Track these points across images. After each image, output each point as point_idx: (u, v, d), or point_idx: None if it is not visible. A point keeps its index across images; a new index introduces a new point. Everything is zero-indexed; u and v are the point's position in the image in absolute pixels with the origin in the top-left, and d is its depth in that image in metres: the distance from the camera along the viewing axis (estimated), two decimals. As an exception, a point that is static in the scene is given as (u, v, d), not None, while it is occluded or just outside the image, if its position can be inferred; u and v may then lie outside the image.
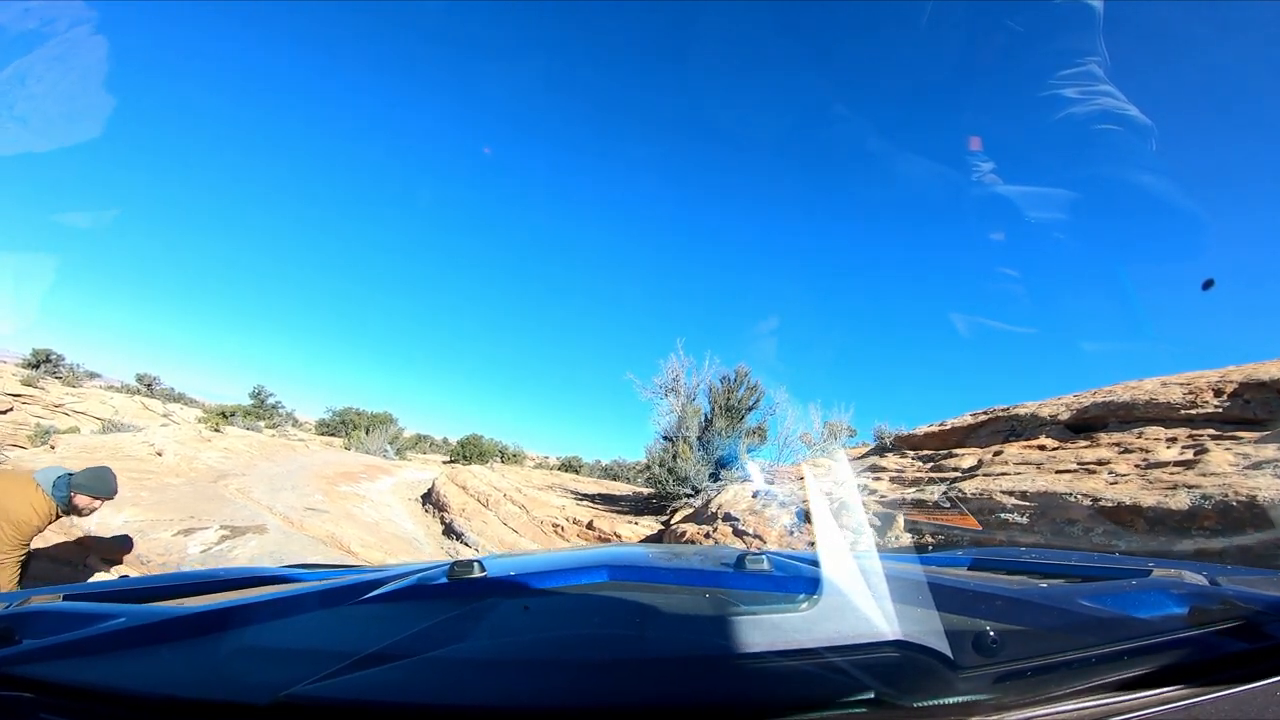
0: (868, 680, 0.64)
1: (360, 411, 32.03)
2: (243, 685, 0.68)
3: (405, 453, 28.51)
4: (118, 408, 25.58)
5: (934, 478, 4.56)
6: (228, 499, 7.53)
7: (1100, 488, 3.59)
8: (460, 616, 0.88)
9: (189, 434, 12.58)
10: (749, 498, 5.24)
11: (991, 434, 5.51)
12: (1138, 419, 4.88)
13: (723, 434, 10.10)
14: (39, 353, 29.51)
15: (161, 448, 10.66)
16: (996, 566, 1.31)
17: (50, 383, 26.70)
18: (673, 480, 9.55)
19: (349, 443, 25.31)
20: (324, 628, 0.88)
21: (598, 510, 10.24)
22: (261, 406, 31.56)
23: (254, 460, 11.15)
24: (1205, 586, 0.94)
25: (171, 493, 7.49)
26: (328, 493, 9.47)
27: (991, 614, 0.79)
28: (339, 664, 0.67)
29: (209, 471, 9.10)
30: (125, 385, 32.60)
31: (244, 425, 23.94)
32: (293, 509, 7.48)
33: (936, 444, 5.96)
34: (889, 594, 0.78)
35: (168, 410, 27.56)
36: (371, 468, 15.83)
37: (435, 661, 0.71)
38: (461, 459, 27.24)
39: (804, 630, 0.76)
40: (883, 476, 4.89)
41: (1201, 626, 0.77)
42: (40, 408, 22.91)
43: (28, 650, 0.74)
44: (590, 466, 29.90)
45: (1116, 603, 0.83)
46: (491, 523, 9.17)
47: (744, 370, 11.02)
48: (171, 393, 34.00)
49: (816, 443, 11.76)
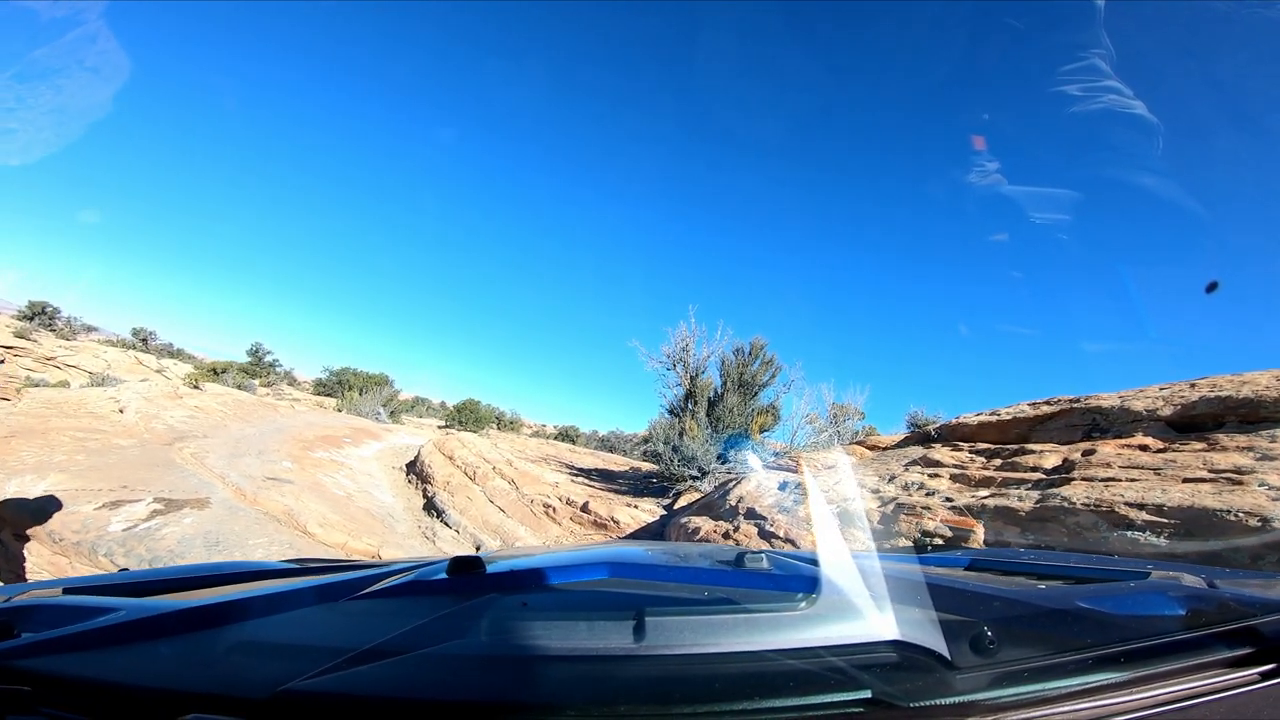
0: (865, 679, 0.64)
1: (357, 372, 31.30)
2: (240, 679, 0.68)
3: (400, 416, 27.83)
4: (111, 362, 25.00)
5: (1010, 479, 3.65)
6: (177, 465, 6.72)
7: (1263, 504, 2.68)
8: (459, 613, 0.88)
9: (161, 390, 11.75)
10: (775, 490, 4.37)
11: (1066, 428, 4.58)
12: (1265, 419, 3.95)
13: (734, 411, 9.22)
14: (35, 305, 28.90)
15: (125, 405, 9.85)
16: (994, 567, 1.29)
17: (44, 335, 26.19)
18: (678, 460, 8.70)
19: (341, 404, 24.62)
20: (322, 623, 0.89)
21: (594, 489, 9.46)
22: (259, 364, 30.94)
23: (225, 421, 10.35)
24: (1203, 589, 0.93)
25: (114, 456, 6.67)
26: (299, 459, 8.66)
27: (989, 614, 0.79)
28: (337, 659, 0.67)
29: (167, 433, 8.29)
30: (121, 339, 32.06)
31: (235, 383, 23.27)
32: (249, 478, 6.66)
33: (995, 436, 5.04)
34: (887, 594, 0.79)
35: (161, 365, 26.99)
36: (359, 431, 15.08)
37: (433, 658, 0.71)
38: (457, 424, 26.60)
39: (802, 629, 0.75)
40: (941, 474, 3.99)
41: (1199, 629, 0.75)
42: (32, 360, 22.36)
43: (26, 644, 0.75)
44: (587, 437, 29.34)
45: (1114, 604, 0.83)
46: (477, 499, 8.38)
47: (760, 342, 10.06)
48: (169, 348, 33.52)
49: (827, 426, 10.89)
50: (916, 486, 3.79)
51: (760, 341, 10.08)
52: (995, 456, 4.24)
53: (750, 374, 9.72)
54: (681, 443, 8.62)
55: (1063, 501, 2.89)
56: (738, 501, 4.31)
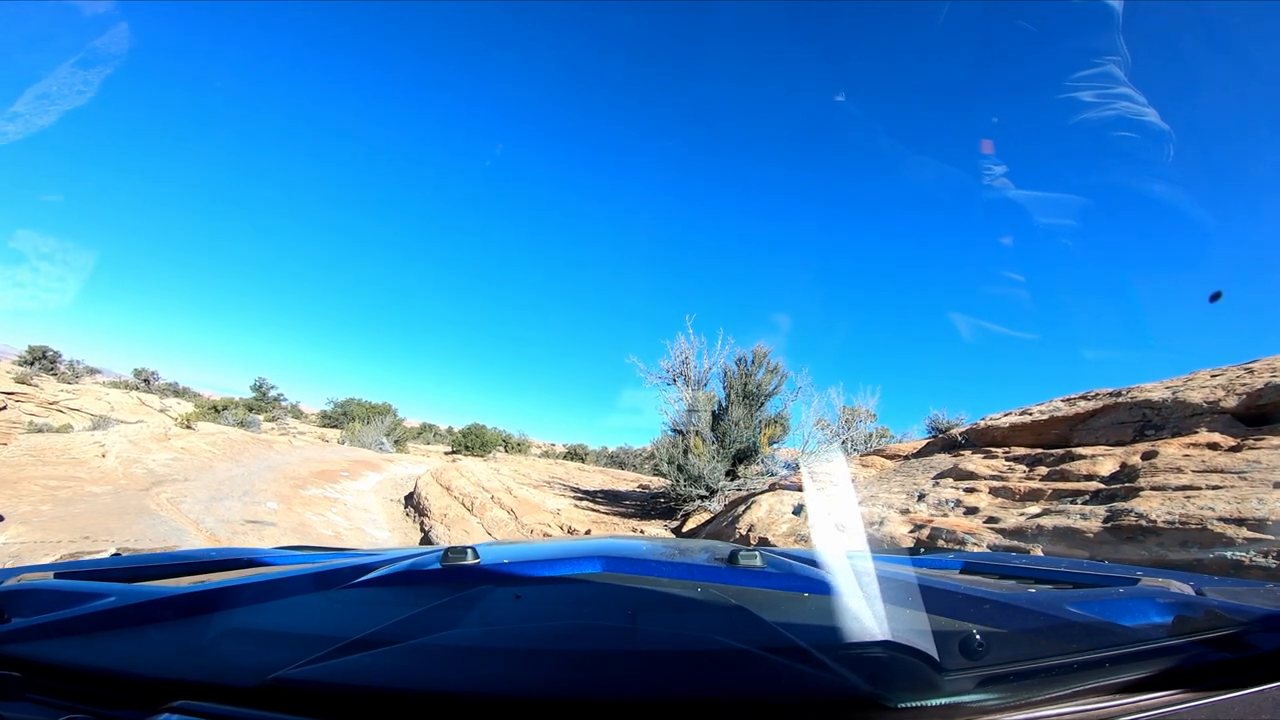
0: (854, 679, 0.63)
1: (361, 403, 31.04)
2: (230, 667, 0.67)
3: (406, 444, 27.44)
4: (114, 404, 24.88)
5: (1061, 490, 3.16)
6: (150, 511, 6.31)
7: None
8: (451, 603, 0.87)
9: (150, 433, 11.41)
10: (790, 515, 3.87)
11: (1113, 426, 4.08)
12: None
13: (740, 424, 8.72)
14: (35, 350, 29.00)
15: (109, 449, 9.49)
16: (987, 570, 1.29)
17: (46, 380, 26.19)
18: (684, 480, 8.19)
19: (345, 435, 24.26)
20: (314, 611, 0.88)
21: (598, 513, 8.96)
22: (263, 399, 30.74)
23: (212, 461, 9.96)
24: (1191, 596, 0.93)
25: (82, 505, 6.27)
26: (288, 498, 8.24)
27: (979, 617, 0.79)
28: (328, 648, 0.67)
29: (146, 477, 7.90)
30: (124, 381, 32.05)
31: (237, 419, 22.96)
32: (226, 523, 6.24)
33: (1030, 439, 4.54)
34: (879, 594, 0.78)
35: (165, 405, 26.84)
36: (357, 463, 14.67)
37: (425, 648, 0.70)
38: (464, 450, 26.16)
39: (793, 627, 0.75)
40: (978, 486, 3.49)
41: (1185, 635, 0.75)
42: (35, 405, 22.27)
43: (16, 629, 0.74)
44: (596, 454, 28.83)
45: (1103, 610, 0.82)
46: (474, 532, 7.92)
47: (763, 350, 9.58)
48: (174, 387, 33.45)
49: (840, 431, 10.34)
50: (952, 505, 3.30)
51: (763, 349, 9.61)
52: (1038, 464, 3.74)
53: (755, 384, 9.23)
54: (687, 461, 8.12)
55: (1138, 519, 2.40)
56: (748, 530, 3.83)
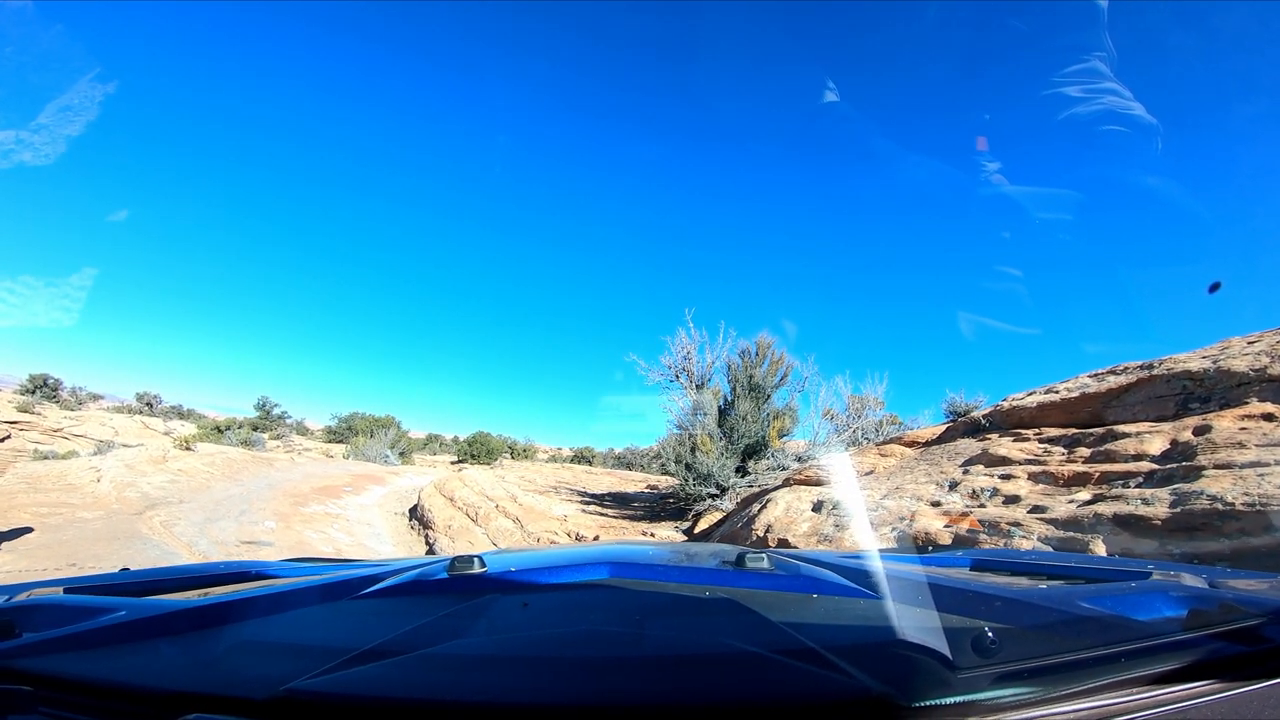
0: (866, 680, 0.63)
1: (365, 416, 30.87)
2: (243, 679, 0.67)
3: (411, 455, 27.22)
4: (118, 428, 24.75)
5: (1110, 473, 2.88)
6: (141, 536, 6.08)
7: None
8: (459, 613, 0.88)
9: (147, 456, 11.20)
10: (809, 512, 3.61)
11: (1151, 400, 3.80)
12: None
13: (748, 418, 8.46)
14: (35, 378, 28.96)
15: (104, 474, 9.28)
16: (996, 567, 1.29)
17: (48, 408, 26.13)
18: (693, 479, 7.92)
19: (349, 450, 24.06)
20: (323, 623, 0.88)
21: (606, 517, 8.71)
22: (267, 417, 30.60)
23: (210, 482, 9.74)
24: (1204, 589, 0.92)
25: (72, 531, 6.05)
26: (287, 516, 8.01)
27: (991, 615, 0.78)
28: (338, 659, 0.67)
29: (139, 500, 7.68)
30: (127, 405, 31.99)
31: (240, 439, 22.79)
32: (220, 545, 6.00)
33: (1062, 418, 4.26)
34: (889, 593, 0.79)
35: (168, 428, 26.72)
36: (361, 478, 14.45)
37: (433, 658, 0.70)
38: (469, 458, 25.94)
39: (803, 628, 0.75)
40: (1015, 472, 3.21)
41: (1199, 629, 0.75)
42: (39, 433, 22.18)
43: (28, 643, 0.74)
44: (603, 456, 28.60)
45: (1115, 604, 0.82)
46: (479, 543, 7.68)
47: (766, 341, 9.31)
48: (178, 409, 33.35)
49: (849, 421, 10.06)
50: (989, 493, 3.03)
51: (766, 340, 9.33)
52: (1076, 444, 3.46)
53: (760, 376, 8.95)
54: (695, 459, 7.85)
55: (1211, 502, 2.13)
56: (766, 530, 3.57)
